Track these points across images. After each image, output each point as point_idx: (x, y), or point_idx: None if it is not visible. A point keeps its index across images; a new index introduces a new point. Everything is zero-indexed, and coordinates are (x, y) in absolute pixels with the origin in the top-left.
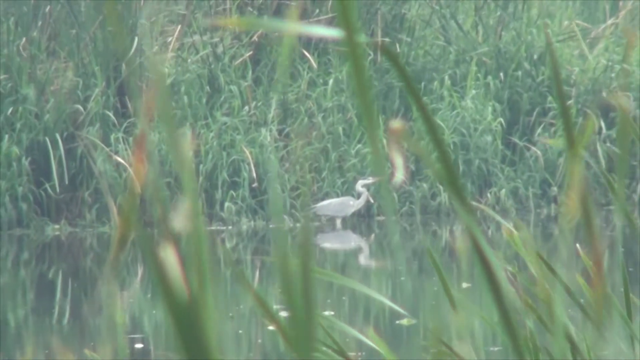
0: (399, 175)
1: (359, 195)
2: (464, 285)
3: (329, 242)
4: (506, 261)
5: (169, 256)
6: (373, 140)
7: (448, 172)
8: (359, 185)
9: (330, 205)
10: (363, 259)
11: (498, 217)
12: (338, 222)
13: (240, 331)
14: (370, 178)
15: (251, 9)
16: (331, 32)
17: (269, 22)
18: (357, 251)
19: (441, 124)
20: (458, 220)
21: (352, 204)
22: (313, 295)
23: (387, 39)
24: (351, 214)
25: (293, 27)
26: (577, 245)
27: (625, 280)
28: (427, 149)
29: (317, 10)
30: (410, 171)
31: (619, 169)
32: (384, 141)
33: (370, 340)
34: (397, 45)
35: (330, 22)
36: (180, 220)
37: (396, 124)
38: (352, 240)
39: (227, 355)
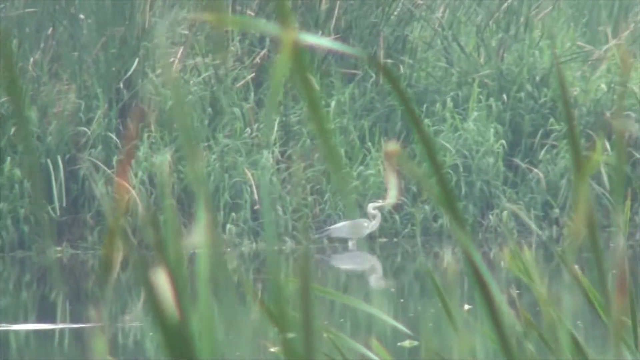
0: (392, 197)
1: (372, 218)
2: (466, 307)
3: (343, 263)
4: (509, 283)
5: (161, 281)
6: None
7: (446, 194)
8: (371, 208)
9: (345, 227)
10: (374, 280)
11: (533, 226)
12: (351, 243)
13: (238, 353)
14: (381, 201)
15: (253, 31)
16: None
17: (249, 20)
18: (370, 272)
19: (445, 144)
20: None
21: (367, 226)
22: (313, 316)
23: (389, 61)
24: (365, 236)
25: (274, 27)
26: (576, 267)
27: (632, 306)
28: (426, 172)
29: (320, 32)
30: (412, 193)
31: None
32: (383, 163)
33: (376, 353)
34: (400, 67)
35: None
36: (197, 237)
37: (391, 146)
38: (367, 261)
39: None
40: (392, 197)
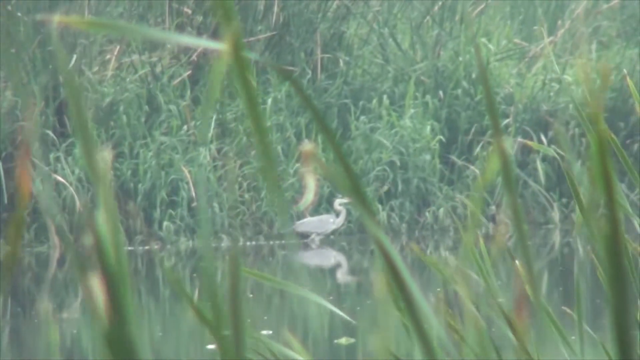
0: (308, 198)
1: (337, 214)
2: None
3: (308, 259)
4: (446, 280)
5: (94, 281)
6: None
7: (355, 188)
8: (337, 204)
9: (310, 222)
10: (340, 276)
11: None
12: (317, 239)
13: (179, 350)
14: (347, 198)
15: (190, 29)
16: (214, 44)
17: (124, 25)
18: (335, 268)
19: (382, 140)
20: (396, 238)
21: (332, 222)
22: (242, 313)
23: (326, 57)
24: (331, 232)
25: (153, 33)
26: (517, 262)
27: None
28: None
29: (259, 28)
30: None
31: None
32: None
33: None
34: (339, 63)
35: (269, 41)
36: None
37: (307, 146)
38: (332, 257)
39: None
40: (308, 197)
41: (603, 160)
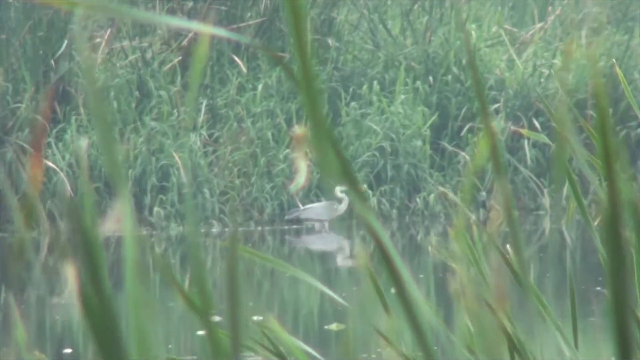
0: (300, 180)
1: (340, 201)
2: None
3: (313, 244)
4: (436, 267)
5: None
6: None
7: (347, 174)
8: (338, 191)
9: (315, 209)
10: (341, 260)
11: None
12: (326, 224)
13: (169, 336)
14: None
15: (181, 14)
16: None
17: (115, 6)
18: (337, 251)
19: (373, 125)
20: (386, 224)
21: (336, 208)
22: (239, 300)
23: (316, 43)
24: (334, 218)
25: (144, 15)
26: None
27: (573, 302)
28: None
29: (249, 15)
30: None
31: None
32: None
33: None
34: (329, 49)
35: (259, 27)
36: (111, 223)
37: (299, 130)
38: (335, 242)
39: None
40: (299, 180)
41: (606, 137)
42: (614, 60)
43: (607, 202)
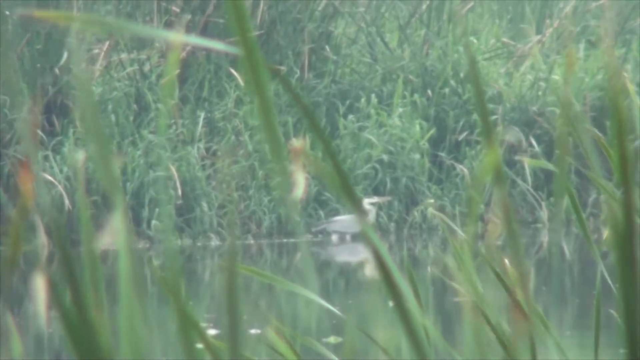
0: (297, 194)
1: (367, 213)
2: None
3: (339, 255)
4: (434, 281)
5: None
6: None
7: (346, 190)
8: (366, 204)
9: (342, 221)
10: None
11: (454, 226)
12: (347, 237)
13: (167, 349)
14: (375, 197)
15: (179, 27)
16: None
17: (110, 21)
18: (362, 264)
19: (371, 138)
20: (384, 237)
21: None
22: (239, 314)
23: (313, 56)
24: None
25: (141, 29)
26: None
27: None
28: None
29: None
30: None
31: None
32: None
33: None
34: (326, 62)
35: (257, 39)
36: (107, 237)
37: (297, 142)
38: (362, 253)
39: None
40: (297, 193)
41: (622, 140)
42: (625, 74)
43: (621, 214)
